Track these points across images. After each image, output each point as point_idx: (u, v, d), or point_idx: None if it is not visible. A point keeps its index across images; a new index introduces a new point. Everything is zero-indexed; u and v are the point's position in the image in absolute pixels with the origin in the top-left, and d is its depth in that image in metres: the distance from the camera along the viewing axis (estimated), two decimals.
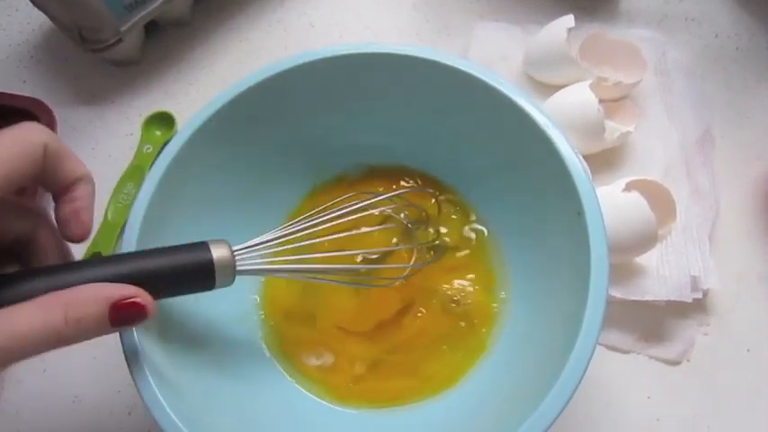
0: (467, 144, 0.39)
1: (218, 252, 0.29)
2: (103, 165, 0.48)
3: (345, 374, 0.37)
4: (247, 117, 0.37)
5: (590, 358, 0.28)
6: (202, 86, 0.51)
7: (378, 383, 0.37)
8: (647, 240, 0.37)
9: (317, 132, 0.40)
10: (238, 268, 0.30)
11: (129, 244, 0.32)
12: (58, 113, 0.47)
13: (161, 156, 0.34)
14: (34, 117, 0.46)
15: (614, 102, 0.44)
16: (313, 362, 0.38)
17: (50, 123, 0.46)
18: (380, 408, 0.36)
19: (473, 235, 0.40)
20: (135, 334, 0.29)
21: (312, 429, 0.35)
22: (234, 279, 0.30)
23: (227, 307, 0.36)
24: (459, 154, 0.40)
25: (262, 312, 0.39)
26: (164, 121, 0.49)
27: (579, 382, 0.27)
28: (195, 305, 0.34)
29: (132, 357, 0.29)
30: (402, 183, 0.42)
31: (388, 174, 0.42)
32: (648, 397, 0.38)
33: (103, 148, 0.49)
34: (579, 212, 0.31)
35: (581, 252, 0.31)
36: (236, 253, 0.30)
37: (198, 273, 0.29)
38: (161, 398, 0.28)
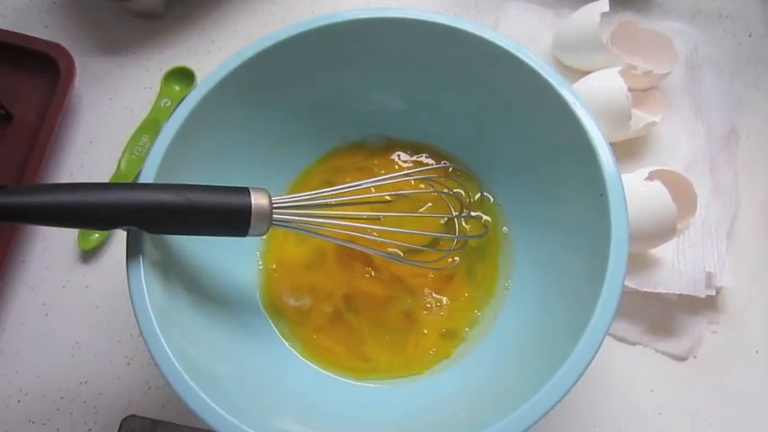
0: (489, 117, 0.38)
1: (258, 199, 0.29)
2: (120, 116, 0.48)
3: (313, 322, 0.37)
4: (268, 76, 0.36)
5: (599, 345, 0.27)
6: (225, 45, 0.50)
7: (331, 343, 0.37)
8: (665, 231, 0.36)
9: (337, 96, 0.39)
10: (275, 218, 0.30)
11: (147, 178, 0.31)
12: (77, 61, 0.46)
13: (179, 107, 0.33)
14: (53, 61, 0.46)
15: (642, 91, 0.43)
16: (292, 302, 0.37)
17: (70, 69, 0.46)
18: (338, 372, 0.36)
19: (486, 217, 0.39)
20: (142, 271, 0.29)
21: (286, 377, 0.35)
22: (268, 229, 0.30)
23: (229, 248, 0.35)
24: (481, 127, 0.39)
25: (261, 261, 0.39)
26: (184, 76, 0.48)
27: (586, 368, 0.27)
28: (199, 246, 0.34)
29: (138, 296, 0.28)
30: (424, 159, 0.41)
31: (408, 147, 0.41)
32: (652, 390, 0.38)
33: (121, 99, 0.48)
34: (602, 194, 0.30)
35: (600, 235, 0.30)
36: (274, 203, 0.30)
37: (234, 216, 0.29)
38: (163, 341, 0.28)
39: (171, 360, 0.27)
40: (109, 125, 0.47)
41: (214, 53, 0.50)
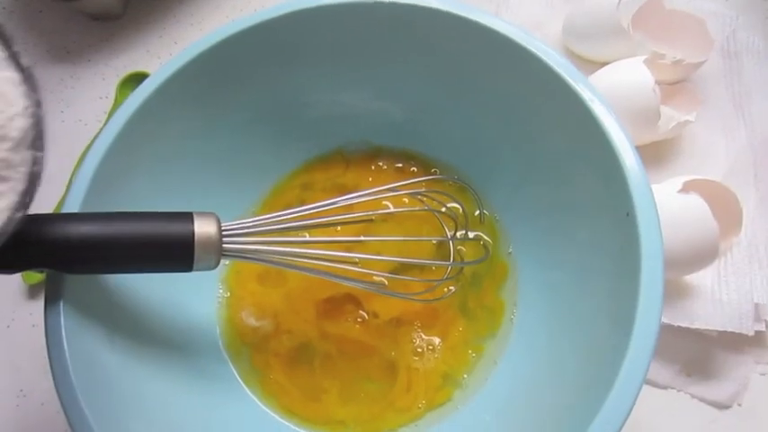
0: (490, 119, 0.33)
1: (203, 226, 0.25)
2: (72, 130, 0.44)
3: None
4: (225, 73, 0.32)
5: (633, 400, 0.23)
6: (189, 45, 0.45)
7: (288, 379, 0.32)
8: (705, 255, 0.31)
9: (308, 97, 0.35)
10: (226, 249, 0.26)
11: (72, 205, 0.27)
12: None
13: (114, 116, 0.29)
14: None
15: (671, 85, 0.39)
16: (252, 322, 0.33)
17: None
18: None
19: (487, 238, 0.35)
20: (62, 325, 0.25)
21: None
22: (218, 262, 0.26)
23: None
24: (479, 131, 0.34)
25: (221, 290, 0.34)
26: (142, 83, 0.43)
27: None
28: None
29: (58, 363, 0.24)
30: (412, 169, 0.36)
31: (393, 156, 0.37)
32: None
33: (74, 111, 0.44)
34: (628, 213, 0.25)
35: (627, 263, 0.25)
36: (225, 230, 0.26)
37: (175, 248, 0.25)
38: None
39: None
40: (59, 141, 0.43)
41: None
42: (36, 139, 0.18)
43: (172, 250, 0.25)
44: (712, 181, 0.33)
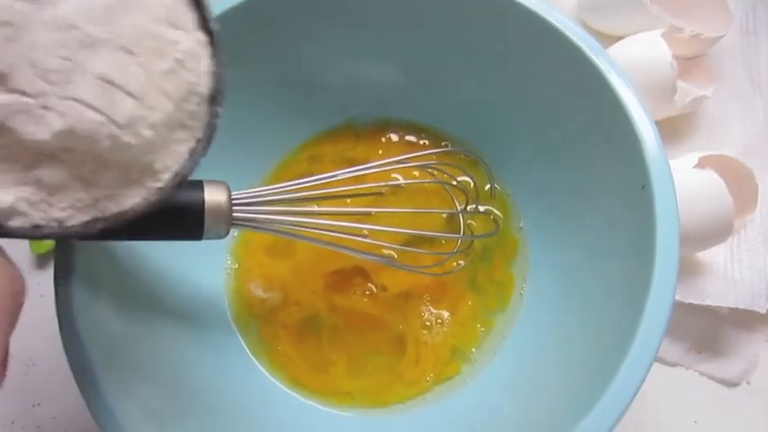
0: (503, 91, 0.32)
1: (213, 194, 0.24)
2: None
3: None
4: (235, 42, 0.30)
5: (644, 375, 0.23)
6: None
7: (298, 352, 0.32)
8: (719, 231, 0.31)
9: (317, 68, 0.34)
10: (236, 217, 0.25)
11: None
12: None
13: None
14: None
15: (688, 60, 0.38)
16: (260, 293, 0.33)
17: None
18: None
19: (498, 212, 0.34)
20: (73, 293, 0.25)
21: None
22: (227, 231, 0.25)
23: None
24: (492, 103, 0.33)
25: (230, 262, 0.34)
26: None
27: (627, 405, 0.22)
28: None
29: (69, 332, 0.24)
30: (423, 142, 0.36)
31: (402, 129, 0.36)
32: (695, 421, 0.33)
33: None
34: (644, 186, 0.25)
35: (642, 238, 0.25)
36: (235, 199, 0.25)
37: (185, 216, 0.24)
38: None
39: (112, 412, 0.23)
40: None
41: None
42: (218, 95, 0.20)
43: (182, 218, 0.24)
44: (728, 157, 0.32)
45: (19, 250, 0.38)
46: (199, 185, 0.25)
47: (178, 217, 0.24)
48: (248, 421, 0.28)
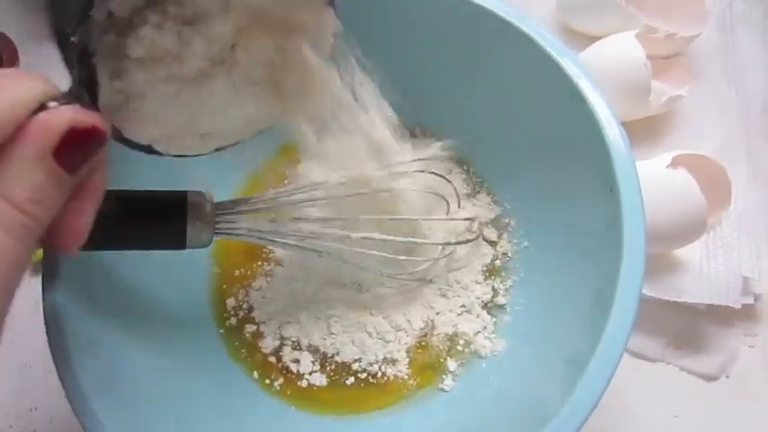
0: (479, 94, 0.33)
1: (196, 203, 0.25)
2: None
3: None
4: None
5: (613, 368, 0.23)
6: None
7: None
8: (692, 229, 0.32)
9: None
10: (219, 227, 0.26)
11: None
12: (23, 49, 0.42)
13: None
14: None
15: (664, 59, 0.39)
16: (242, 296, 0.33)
17: (11, 61, 0.42)
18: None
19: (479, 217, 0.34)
20: (58, 299, 0.25)
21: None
22: (211, 239, 0.26)
23: None
24: (469, 107, 0.34)
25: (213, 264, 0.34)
26: None
27: (599, 397, 0.23)
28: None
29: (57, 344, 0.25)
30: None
31: None
32: (676, 416, 0.34)
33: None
34: (612, 189, 0.26)
35: (610, 240, 0.25)
36: (217, 207, 0.26)
37: (167, 226, 0.25)
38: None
39: (97, 416, 0.24)
40: None
41: None
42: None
43: (166, 227, 0.25)
44: (701, 155, 0.33)
45: None
46: (182, 195, 0.25)
47: (162, 226, 0.25)
48: (225, 425, 0.29)
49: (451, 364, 0.31)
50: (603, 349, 0.23)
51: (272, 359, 0.31)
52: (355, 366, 0.31)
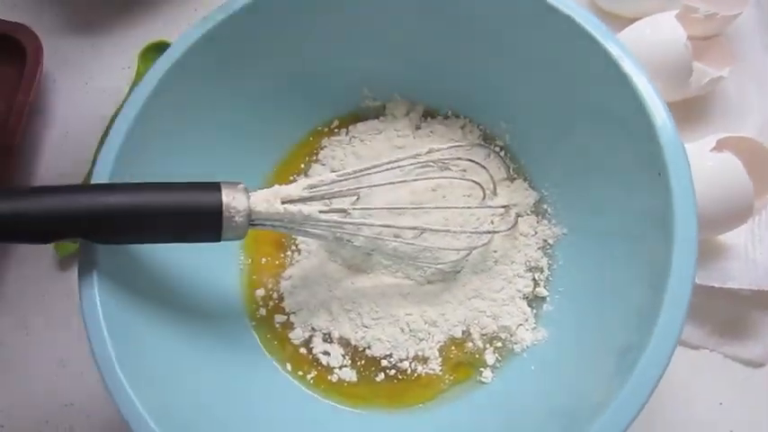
0: (516, 79, 0.32)
1: (231, 196, 0.25)
2: (97, 101, 0.43)
3: None
4: (250, 39, 0.32)
5: (667, 360, 0.23)
6: (209, 12, 0.44)
7: None
8: (738, 213, 0.31)
9: (323, 64, 0.34)
10: (254, 218, 0.26)
11: (100, 177, 0.27)
12: (49, 42, 0.42)
13: (143, 79, 0.29)
14: (18, 44, 0.41)
15: (704, 40, 0.37)
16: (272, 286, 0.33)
17: (37, 52, 0.41)
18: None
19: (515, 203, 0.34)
20: (96, 293, 0.25)
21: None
22: (246, 231, 0.26)
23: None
24: (507, 92, 0.33)
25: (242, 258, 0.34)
26: (163, 52, 0.43)
27: (652, 390, 0.23)
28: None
29: (95, 331, 0.25)
30: (429, 130, 0.36)
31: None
32: (721, 403, 0.33)
33: (97, 82, 0.44)
34: (660, 172, 0.25)
35: (658, 226, 0.25)
36: (253, 199, 0.26)
37: (202, 219, 0.25)
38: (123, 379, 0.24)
39: (136, 406, 0.24)
40: (83, 112, 0.43)
41: None
42: None
43: (200, 220, 0.25)
44: (746, 138, 0.32)
45: (44, 254, 0.39)
46: (216, 187, 0.25)
47: (196, 219, 0.25)
48: (269, 420, 0.29)
49: (490, 358, 0.30)
50: (657, 340, 0.23)
51: (303, 350, 0.31)
52: (384, 362, 0.31)
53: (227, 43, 0.31)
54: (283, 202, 0.27)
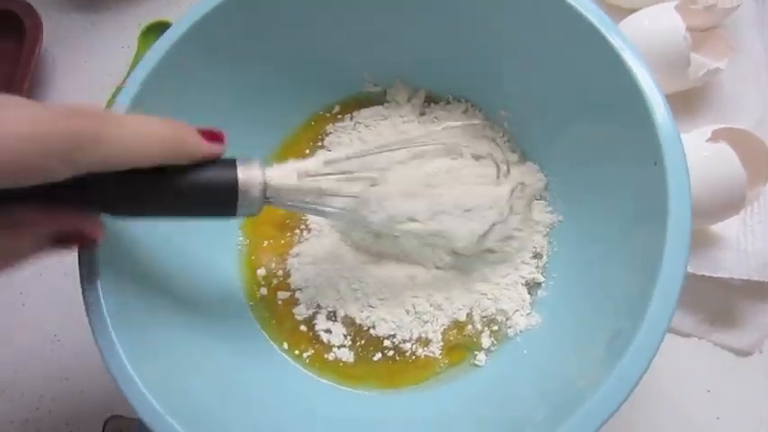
0: (520, 67, 0.32)
1: (247, 172, 0.25)
2: (97, 80, 0.44)
3: None
4: (251, 19, 0.31)
5: (657, 345, 0.23)
6: None
7: None
8: (731, 203, 0.31)
9: (330, 45, 0.34)
10: (269, 194, 0.25)
11: None
12: (49, 19, 0.42)
13: (143, 59, 0.29)
14: (18, 19, 0.41)
15: (702, 32, 0.37)
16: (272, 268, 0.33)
17: (36, 28, 0.41)
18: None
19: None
20: (98, 275, 0.25)
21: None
22: (261, 208, 0.25)
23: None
24: (510, 78, 0.33)
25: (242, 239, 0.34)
26: (164, 32, 0.43)
27: (642, 374, 0.23)
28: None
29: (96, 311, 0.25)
30: (434, 116, 0.36)
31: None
32: (708, 390, 0.34)
33: (97, 61, 0.44)
34: (656, 162, 0.25)
35: (652, 216, 0.25)
36: (268, 175, 0.25)
37: (218, 194, 0.24)
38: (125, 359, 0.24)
39: (138, 387, 0.24)
40: (83, 90, 0.44)
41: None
42: None
43: (216, 196, 0.24)
44: (741, 129, 0.32)
45: None
46: (232, 163, 0.25)
47: (212, 195, 0.24)
48: (264, 399, 0.29)
49: (486, 341, 0.31)
50: (647, 327, 0.23)
51: (304, 328, 0.32)
52: (386, 342, 0.31)
53: (227, 25, 0.30)
54: (300, 178, 0.26)
